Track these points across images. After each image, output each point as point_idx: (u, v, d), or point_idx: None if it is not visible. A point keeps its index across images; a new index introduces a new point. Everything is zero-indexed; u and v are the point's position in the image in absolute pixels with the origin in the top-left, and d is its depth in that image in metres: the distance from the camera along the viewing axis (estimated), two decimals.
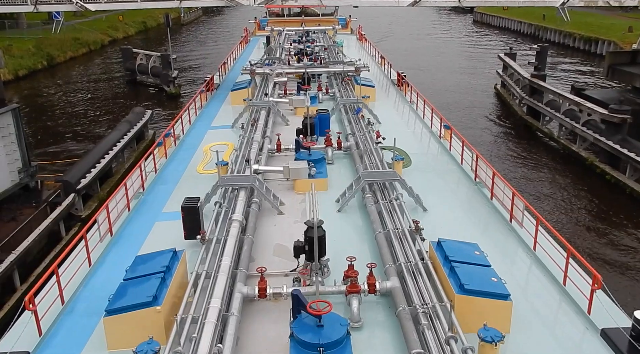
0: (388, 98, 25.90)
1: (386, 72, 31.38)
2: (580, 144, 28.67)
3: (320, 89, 24.27)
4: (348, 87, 24.43)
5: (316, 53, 31.93)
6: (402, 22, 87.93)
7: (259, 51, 37.09)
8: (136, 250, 11.60)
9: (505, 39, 72.11)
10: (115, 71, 53.67)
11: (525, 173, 27.60)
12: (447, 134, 19.10)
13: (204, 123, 22.09)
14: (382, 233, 11.37)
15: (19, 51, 52.04)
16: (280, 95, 23.51)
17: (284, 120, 20.78)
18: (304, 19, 45.77)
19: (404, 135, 18.95)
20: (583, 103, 28.77)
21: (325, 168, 15.61)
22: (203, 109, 24.17)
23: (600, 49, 57.47)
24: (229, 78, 29.83)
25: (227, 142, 19.01)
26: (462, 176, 16.16)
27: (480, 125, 35.52)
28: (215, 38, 76.60)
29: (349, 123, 19.20)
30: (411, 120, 22.47)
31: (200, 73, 51.17)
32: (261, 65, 27.06)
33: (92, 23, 71.72)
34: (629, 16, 63.87)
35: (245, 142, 16.99)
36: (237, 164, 15.22)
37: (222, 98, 25.80)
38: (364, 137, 17.26)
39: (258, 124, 18.63)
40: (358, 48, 40.80)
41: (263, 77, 25.33)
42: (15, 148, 19.50)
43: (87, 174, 22.21)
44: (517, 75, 37.43)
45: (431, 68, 52.48)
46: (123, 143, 26.26)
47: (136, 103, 38.96)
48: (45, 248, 19.06)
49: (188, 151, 18.69)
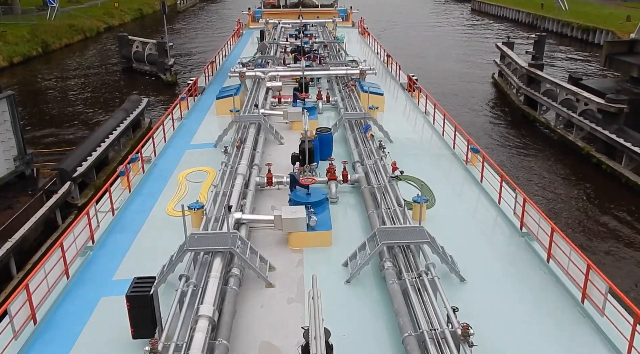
0: (398, 108, 22.75)
1: (393, 73, 28.38)
2: (577, 134, 28.71)
3: (320, 97, 21.37)
4: (352, 94, 21.17)
5: (315, 51, 29.01)
6: (399, 10, 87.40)
7: (252, 47, 34.22)
8: (67, 346, 8.82)
9: (503, 28, 71.83)
10: (111, 58, 53.28)
11: (522, 162, 27.65)
12: (474, 159, 15.76)
13: (183, 140, 18.96)
14: (412, 337, 8.12)
15: (13, 38, 51.58)
16: (274, 105, 20.91)
17: (277, 138, 17.68)
18: (301, 10, 42.37)
19: (422, 159, 16.67)
20: (580, 92, 28.76)
21: (328, 212, 12.38)
22: (183, 120, 21.08)
23: (598, 38, 57.31)
24: (216, 80, 27.12)
25: (208, 167, 16.01)
26: (503, 222, 12.69)
27: (477, 114, 35.50)
28: (212, 25, 76.03)
29: (356, 145, 16.28)
30: (427, 137, 19.38)
31: (197, 61, 50.92)
32: (253, 66, 24.59)
33: (88, 9, 71.08)
34: (627, 5, 63.71)
35: (227, 174, 13.75)
36: (215, 207, 11.91)
37: (207, 106, 22.60)
38: (375, 165, 14.24)
39: (245, 147, 15.54)
40: (360, 43, 38.26)
41: (254, 80, 22.42)
42: (10, 135, 19.40)
43: (84, 162, 22.15)
44: (514, 65, 37.35)
45: (428, 57, 52.30)
46: (119, 131, 26.16)
47: (132, 91, 38.77)
48: (41, 236, 19.07)
49: (158, 181, 15.51)
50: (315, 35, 34.38)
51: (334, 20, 39.67)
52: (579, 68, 47.56)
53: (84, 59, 54.59)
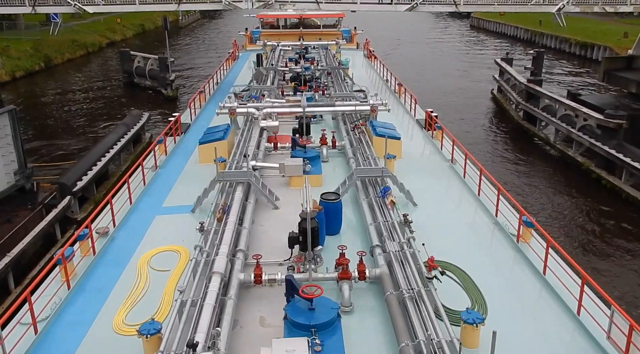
0: (418, 156, 18.67)
1: (406, 104, 24.53)
2: (576, 149, 28.77)
3: (324, 142, 17.68)
4: (363, 137, 17.59)
5: (317, 79, 25.65)
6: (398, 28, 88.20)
7: (248, 72, 30.80)
8: None
9: (502, 44, 72.40)
10: (112, 73, 53.64)
11: (522, 178, 27.68)
12: (526, 234, 12.09)
13: (154, 200, 14.96)
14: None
15: (16, 52, 51.98)
16: (269, 151, 17.67)
17: (270, 201, 13.95)
18: (302, 31, 39.32)
19: (455, 232, 12.93)
20: (579, 108, 28.91)
21: None
22: (158, 171, 17.09)
23: (596, 54, 57.76)
24: (204, 115, 23.44)
25: (179, 246, 12.06)
26: None
27: (476, 129, 35.62)
28: (213, 41, 76.68)
29: (373, 217, 12.28)
30: (456, 195, 15.36)
31: (197, 77, 51.25)
32: (247, 97, 21.86)
33: (90, 25, 71.65)
34: (625, 22, 64.19)
35: (201, 268, 9.93)
36: (177, 336, 8.07)
37: (189, 151, 18.84)
38: (401, 253, 10.41)
39: (228, 220, 11.58)
40: (366, 68, 35.05)
41: (247, 118, 19.12)
42: (11, 149, 19.47)
43: (84, 176, 22.19)
44: (513, 80, 37.59)
45: (428, 72, 52.64)
46: (120, 145, 26.27)
47: (134, 105, 38.97)
48: (40, 251, 19.02)
49: (111, 269, 11.46)
50: (318, 59, 31.43)
51: (338, 42, 35.97)
52: (577, 83, 47.84)
53: (85, 74, 54.97)
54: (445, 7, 32.19)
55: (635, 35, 34.06)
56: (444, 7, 32.39)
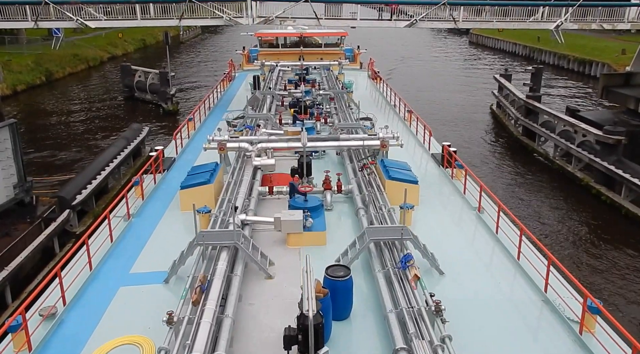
0: (436, 200, 15.67)
1: (418, 135, 21.75)
2: (575, 165, 28.82)
3: (328, 186, 14.89)
4: (373, 180, 14.95)
5: (319, 105, 23.91)
6: (397, 43, 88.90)
7: (245, 94, 28.71)
8: None
9: (501, 60, 72.93)
10: (113, 87, 53.90)
11: (521, 193, 27.66)
12: (590, 322, 9.48)
13: (120, 264, 12.14)
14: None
15: (18, 66, 52.31)
16: (264, 196, 15.08)
17: (262, 270, 11.27)
18: (302, 50, 36.86)
19: (497, 314, 10.24)
20: (578, 124, 29.02)
21: None
22: (132, 221, 14.22)
23: (594, 70, 58.17)
24: (192, 146, 20.70)
25: (142, 338, 9.30)
26: None
27: (476, 145, 35.70)
28: (214, 56, 77.19)
29: (392, 297, 9.69)
30: (487, 254, 12.59)
31: (198, 91, 51.50)
32: (239, 127, 20.04)
33: (92, 39, 72.19)
34: (622, 39, 64.71)
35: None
36: None
37: (171, 194, 15.93)
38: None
39: (206, 307, 8.86)
40: (371, 90, 32.59)
41: (239, 154, 16.82)
42: (11, 163, 19.46)
43: (83, 190, 22.17)
44: (512, 96, 37.79)
45: (427, 88, 52.92)
46: (120, 159, 26.27)
47: (134, 119, 39.10)
48: (38, 264, 18.92)
49: None
50: (319, 81, 29.85)
51: (340, 62, 34.27)
52: (575, 99, 48.09)
53: (86, 88, 55.22)
54: (445, 23, 32.39)
55: (633, 52, 34.34)
56: (443, 23, 32.58)
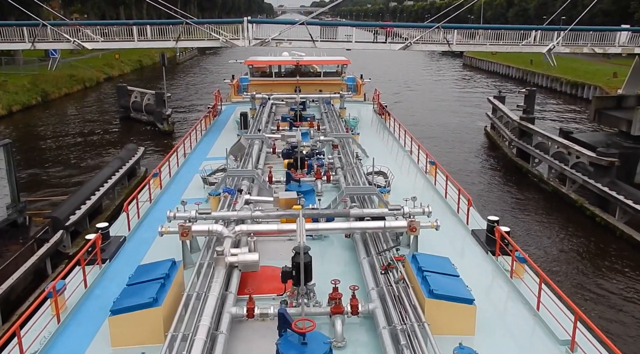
0: (499, 318, 10.36)
1: (448, 199, 16.12)
2: (569, 186, 28.96)
3: (337, 296, 9.66)
4: (405, 291, 9.79)
5: (319, 154, 18.48)
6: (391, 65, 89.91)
7: (229, 135, 24.12)
8: None
9: (494, 82, 73.78)
10: (109, 108, 54.07)
11: (516, 214, 27.71)
12: None
13: None
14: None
15: (13, 87, 52.49)
16: (242, 319, 9.64)
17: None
18: (299, 80, 31.63)
19: None
20: (571, 146, 29.27)
21: None
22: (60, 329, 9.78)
23: (586, 93, 58.94)
24: (150, 219, 14.80)
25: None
26: None
27: (470, 166, 35.89)
28: (209, 77, 77.72)
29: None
30: None
31: (193, 112, 51.68)
32: (215, 190, 15.05)
33: (89, 60, 72.64)
34: (613, 62, 65.74)
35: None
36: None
37: (99, 318, 10.08)
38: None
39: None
40: (379, 130, 27.48)
41: (210, 239, 11.91)
42: (5, 184, 19.34)
43: (77, 210, 22.02)
44: (506, 118, 38.15)
45: (421, 110, 53.37)
46: (114, 179, 26.19)
47: (130, 139, 39.13)
48: (30, 286, 18.68)
49: None
50: (318, 118, 25.26)
51: (342, 94, 29.42)
52: (568, 122, 48.59)
53: (82, 108, 55.38)
54: (439, 46, 32.83)
55: (624, 75, 34.86)
56: (437, 46, 33.02)
